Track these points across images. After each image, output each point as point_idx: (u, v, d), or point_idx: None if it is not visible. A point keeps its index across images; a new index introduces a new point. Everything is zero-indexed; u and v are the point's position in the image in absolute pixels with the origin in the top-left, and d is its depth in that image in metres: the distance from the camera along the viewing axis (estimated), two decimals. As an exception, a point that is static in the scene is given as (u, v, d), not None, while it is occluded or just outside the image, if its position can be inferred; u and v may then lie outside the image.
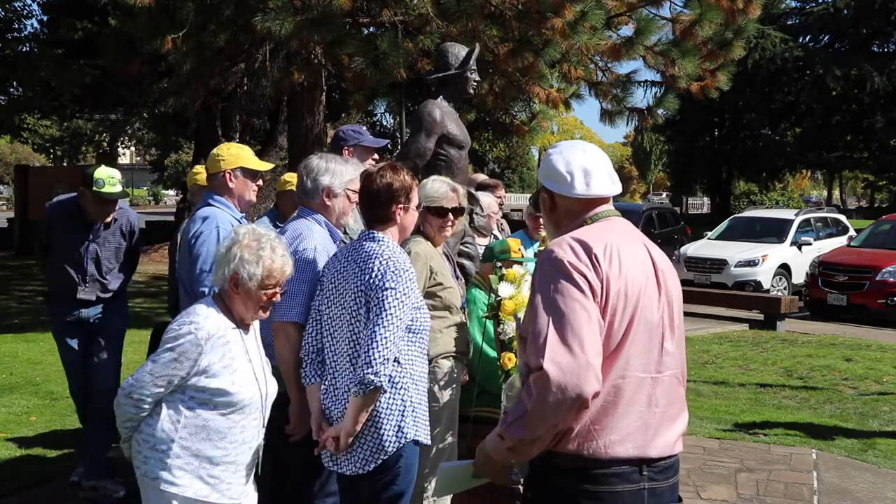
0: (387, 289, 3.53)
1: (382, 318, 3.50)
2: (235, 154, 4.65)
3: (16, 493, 5.84)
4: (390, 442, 3.58)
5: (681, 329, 2.76)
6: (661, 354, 2.64)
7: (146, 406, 3.31)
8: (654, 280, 2.68)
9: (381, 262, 3.58)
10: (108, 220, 5.69)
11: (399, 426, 3.59)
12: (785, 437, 7.49)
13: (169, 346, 3.31)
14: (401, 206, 3.74)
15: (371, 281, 3.57)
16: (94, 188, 5.41)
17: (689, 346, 12.21)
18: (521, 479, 2.77)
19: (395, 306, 3.52)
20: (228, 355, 3.33)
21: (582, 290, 2.50)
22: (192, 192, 5.97)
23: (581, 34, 9.93)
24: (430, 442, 3.81)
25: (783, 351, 11.97)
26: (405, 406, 3.62)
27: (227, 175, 4.59)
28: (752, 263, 17.98)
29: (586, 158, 2.79)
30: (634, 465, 2.57)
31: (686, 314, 10.68)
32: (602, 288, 2.53)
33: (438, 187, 4.54)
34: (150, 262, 22.77)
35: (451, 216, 4.55)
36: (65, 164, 62.76)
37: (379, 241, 3.69)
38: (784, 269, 18.29)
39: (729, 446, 7.19)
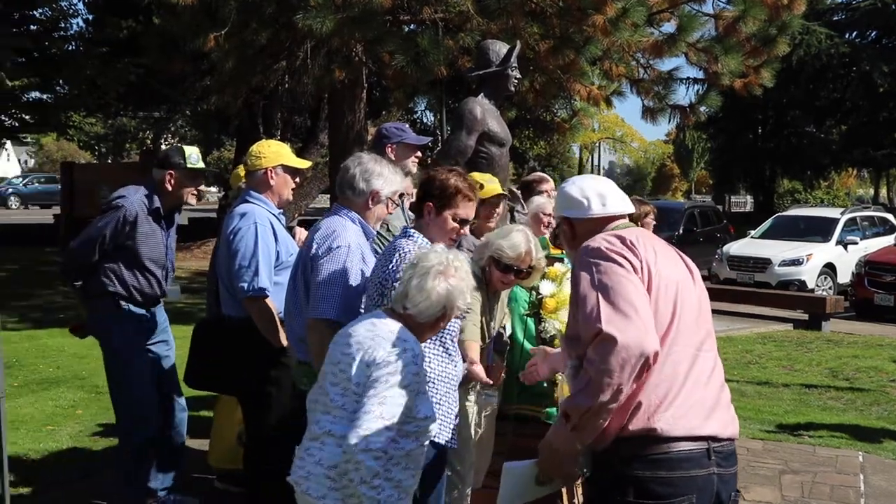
0: (398, 281, 3.51)
1: None
2: (276, 152, 4.67)
3: (61, 485, 5.91)
4: None
5: (710, 320, 2.87)
6: (705, 335, 2.75)
7: (383, 452, 3.08)
8: (688, 271, 2.84)
9: (399, 256, 3.59)
10: (194, 201, 5.36)
11: None
12: (830, 439, 7.38)
13: (394, 381, 3.07)
14: (432, 205, 3.73)
15: (387, 273, 3.59)
16: (189, 164, 5.09)
17: (732, 345, 12.12)
18: (585, 473, 2.76)
19: None
20: (424, 379, 3.26)
21: (624, 267, 2.62)
22: (234, 193, 5.87)
23: (622, 31, 9.86)
24: (454, 444, 3.76)
25: (828, 351, 11.81)
26: None
27: (269, 172, 4.62)
28: (796, 262, 17.77)
29: (598, 184, 3.02)
30: (703, 447, 2.61)
31: (728, 313, 10.64)
32: (643, 268, 2.65)
33: (517, 244, 4.34)
34: (192, 258, 23.00)
35: (513, 277, 4.42)
36: (109, 161, 63.62)
37: (410, 236, 3.72)
38: (829, 269, 18.05)
39: (773, 447, 7.10)
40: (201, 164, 5.20)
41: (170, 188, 5.10)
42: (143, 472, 5.15)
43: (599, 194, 2.95)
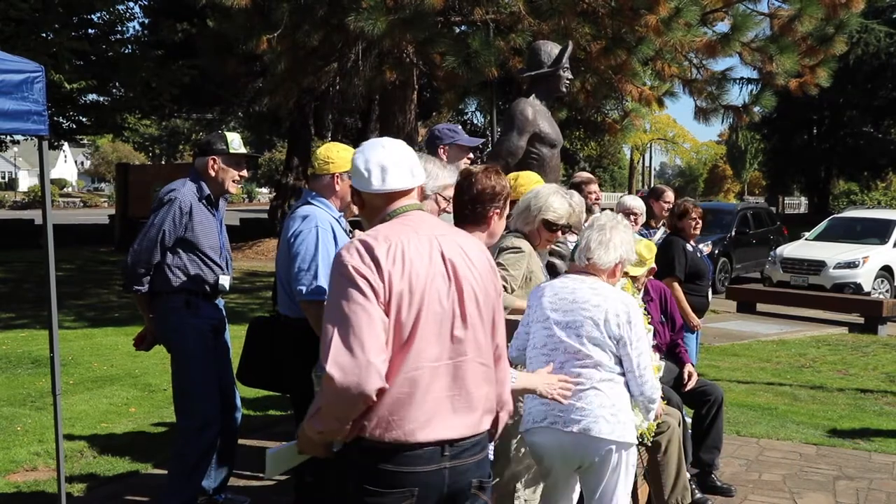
0: None
1: None
2: (345, 157, 4.64)
3: (116, 481, 6.01)
4: None
5: (481, 315, 2.86)
6: (453, 342, 2.77)
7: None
8: (444, 272, 2.79)
9: None
10: (235, 189, 5.33)
11: None
12: (887, 445, 7.24)
13: (643, 333, 3.89)
14: (498, 210, 3.73)
15: None
16: (231, 149, 5.08)
17: (785, 349, 11.95)
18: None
19: None
20: None
21: (364, 294, 2.65)
22: None
23: (675, 31, 9.80)
24: (490, 457, 3.71)
25: (885, 356, 11.59)
26: None
27: (335, 178, 4.60)
28: (852, 265, 17.46)
29: (384, 155, 2.92)
30: (436, 447, 2.72)
31: (782, 316, 10.42)
32: (385, 288, 2.67)
33: (560, 205, 4.47)
34: (243, 258, 23.26)
35: (560, 234, 4.57)
36: (163, 162, 64.64)
37: None
38: (886, 272, 17.71)
39: (827, 453, 6.99)
40: (244, 150, 5.19)
41: (213, 174, 5.08)
42: (200, 473, 5.15)
43: (381, 167, 2.89)
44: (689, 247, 7.20)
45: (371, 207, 2.96)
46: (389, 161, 2.90)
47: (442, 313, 2.75)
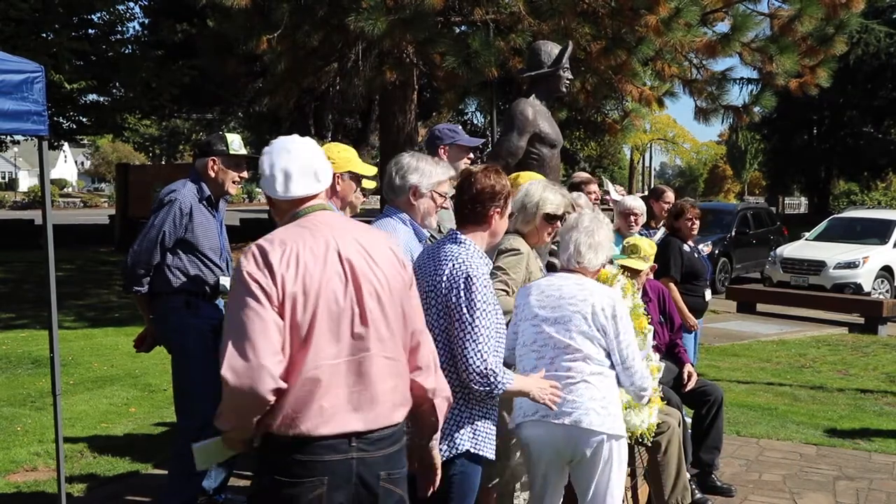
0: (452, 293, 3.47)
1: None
2: (346, 157, 4.62)
3: (116, 481, 6.01)
4: (441, 450, 3.42)
5: (384, 310, 2.89)
6: (354, 339, 2.83)
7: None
8: (340, 271, 2.84)
9: (454, 266, 3.51)
10: (234, 190, 5.34)
11: (452, 437, 3.49)
12: (887, 445, 7.24)
13: (630, 326, 4.04)
14: (498, 209, 3.69)
15: (439, 282, 3.51)
16: (231, 150, 5.09)
17: (785, 349, 11.94)
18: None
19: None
20: None
21: (257, 299, 2.73)
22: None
23: (675, 31, 9.80)
24: (493, 456, 3.66)
25: (885, 356, 11.59)
26: (462, 418, 3.52)
27: (336, 178, 4.58)
28: (852, 265, 17.46)
29: (289, 160, 2.96)
30: (343, 439, 2.79)
31: (782, 316, 10.40)
32: (278, 292, 2.74)
33: (555, 197, 4.49)
34: (244, 258, 23.22)
35: (559, 224, 4.53)
36: (163, 163, 64.64)
37: (461, 243, 3.61)
38: (886, 272, 17.71)
39: (827, 453, 6.99)
40: (244, 151, 5.20)
41: (213, 174, 5.09)
42: (200, 473, 5.11)
43: (285, 173, 2.93)
44: (686, 247, 7.20)
45: (278, 209, 3.03)
46: (294, 167, 2.94)
47: (339, 312, 2.80)
